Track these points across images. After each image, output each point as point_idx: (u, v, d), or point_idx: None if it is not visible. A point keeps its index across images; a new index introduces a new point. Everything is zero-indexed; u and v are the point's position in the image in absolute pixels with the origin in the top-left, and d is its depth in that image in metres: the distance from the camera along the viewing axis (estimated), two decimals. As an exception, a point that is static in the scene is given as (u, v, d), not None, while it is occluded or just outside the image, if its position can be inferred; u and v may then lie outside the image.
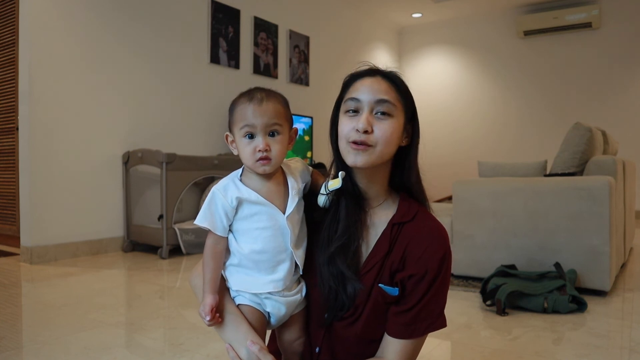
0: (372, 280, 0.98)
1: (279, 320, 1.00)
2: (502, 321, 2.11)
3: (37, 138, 3.34)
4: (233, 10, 4.74)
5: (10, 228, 3.83)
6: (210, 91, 4.54)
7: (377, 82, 0.98)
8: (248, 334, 0.93)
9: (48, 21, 3.39)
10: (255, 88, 0.97)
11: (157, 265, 3.33)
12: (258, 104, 0.93)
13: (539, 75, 6.60)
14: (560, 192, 2.52)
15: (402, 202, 1.03)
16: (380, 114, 0.96)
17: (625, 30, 6.03)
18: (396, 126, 0.97)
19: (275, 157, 0.93)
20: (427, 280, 0.96)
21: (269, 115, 0.93)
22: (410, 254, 0.97)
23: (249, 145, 0.93)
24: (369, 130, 0.94)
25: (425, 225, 1.00)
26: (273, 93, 0.97)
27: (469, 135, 7.10)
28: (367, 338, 1.02)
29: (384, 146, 0.95)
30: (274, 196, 0.96)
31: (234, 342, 0.93)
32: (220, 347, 1.79)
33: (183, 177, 3.70)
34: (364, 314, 0.99)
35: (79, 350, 1.77)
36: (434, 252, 0.97)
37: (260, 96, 0.93)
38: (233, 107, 0.96)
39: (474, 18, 7.02)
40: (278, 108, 0.95)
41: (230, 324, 0.95)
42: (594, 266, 2.42)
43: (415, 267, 0.97)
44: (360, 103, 0.97)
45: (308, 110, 5.55)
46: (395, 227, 1.00)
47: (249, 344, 0.91)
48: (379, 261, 0.98)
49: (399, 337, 0.98)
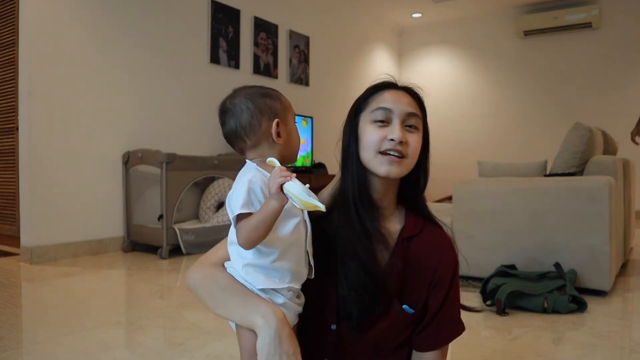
0: (390, 295, 0.98)
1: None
2: (502, 321, 2.11)
3: (37, 138, 3.34)
4: (233, 10, 4.74)
5: (10, 228, 3.83)
6: (210, 91, 4.53)
7: (404, 95, 1.00)
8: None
9: (48, 21, 3.39)
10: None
11: (157, 265, 3.33)
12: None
13: (539, 75, 6.61)
14: (560, 192, 2.52)
15: (409, 215, 1.05)
16: (409, 126, 0.97)
17: (625, 30, 6.03)
18: (420, 140, 0.99)
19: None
20: (444, 291, 0.99)
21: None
22: (424, 269, 0.99)
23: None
24: (404, 141, 0.95)
25: (434, 237, 1.02)
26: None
27: (469, 135, 7.10)
28: (378, 348, 1.01)
29: (413, 158, 0.98)
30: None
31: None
32: (220, 347, 1.79)
33: (183, 177, 3.70)
34: (380, 327, 0.98)
35: (79, 350, 1.77)
36: (447, 263, 1.00)
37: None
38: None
39: (474, 18, 7.02)
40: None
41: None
42: (594, 266, 2.42)
43: (431, 280, 0.99)
44: (391, 113, 0.97)
45: (308, 110, 5.55)
46: (406, 241, 1.01)
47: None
48: (396, 278, 0.98)
49: (428, 349, 1.01)
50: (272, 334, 0.84)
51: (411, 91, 1.02)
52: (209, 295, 0.95)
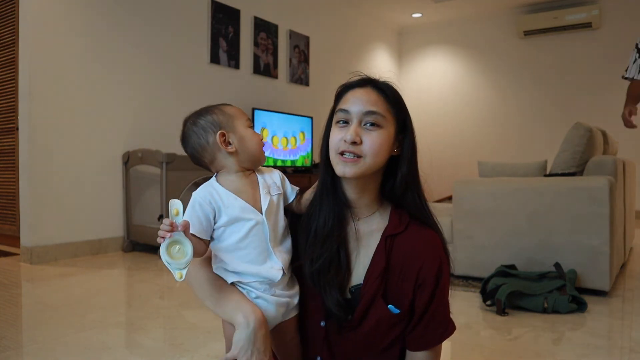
0: (373, 295, 0.98)
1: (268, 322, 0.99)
2: (502, 321, 2.11)
3: (37, 138, 3.34)
4: (233, 10, 4.74)
5: (10, 228, 3.83)
6: (210, 91, 4.53)
7: (367, 93, 0.99)
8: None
9: (48, 21, 3.39)
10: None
11: (157, 265, 3.33)
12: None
13: (539, 75, 6.60)
14: (560, 192, 2.52)
15: (394, 213, 1.03)
16: (369, 125, 0.97)
17: (625, 30, 6.02)
18: (385, 137, 0.97)
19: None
20: (429, 292, 0.98)
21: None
22: (408, 268, 0.99)
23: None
24: (357, 142, 0.95)
25: (419, 236, 1.01)
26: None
27: (469, 135, 7.09)
28: (367, 346, 1.02)
29: (373, 157, 0.96)
30: (249, 196, 1.00)
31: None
32: (220, 347, 1.79)
33: (183, 177, 3.70)
34: (365, 326, 0.99)
35: (79, 350, 1.77)
36: (431, 262, 0.98)
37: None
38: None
39: (474, 18, 7.02)
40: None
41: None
42: (594, 266, 2.42)
43: (415, 280, 0.98)
44: (349, 114, 0.98)
45: (308, 110, 5.55)
46: (389, 239, 1.00)
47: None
48: (379, 277, 0.99)
49: (419, 349, 1.02)
50: (249, 332, 0.92)
51: (381, 87, 1.00)
52: (199, 287, 1.00)
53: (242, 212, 0.96)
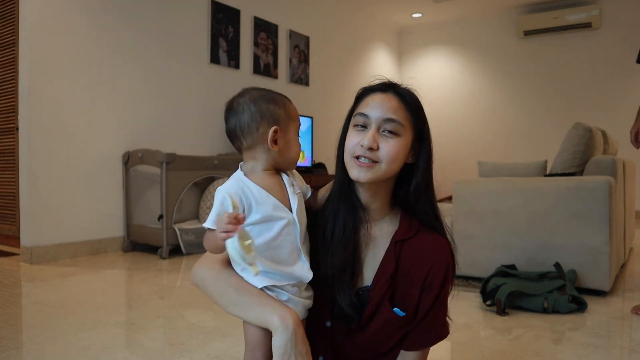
0: (381, 297, 0.99)
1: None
2: (502, 321, 2.11)
3: (37, 138, 3.34)
4: (233, 10, 4.74)
5: (10, 228, 3.83)
6: (210, 91, 4.53)
7: (388, 99, 0.98)
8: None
9: (48, 21, 3.39)
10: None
11: (157, 265, 3.33)
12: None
13: (539, 75, 6.60)
14: (560, 192, 2.52)
15: (404, 218, 1.04)
16: (387, 132, 0.96)
17: (625, 30, 6.03)
18: (402, 145, 0.97)
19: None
20: (432, 296, 0.99)
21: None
22: (416, 272, 0.99)
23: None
24: (374, 148, 0.95)
25: (428, 241, 1.01)
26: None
27: (469, 135, 7.10)
28: (371, 349, 1.03)
29: (388, 164, 0.96)
30: (277, 193, 0.96)
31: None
32: (220, 347, 1.79)
33: (183, 177, 3.70)
34: (371, 328, 1.00)
35: (79, 350, 1.77)
36: (439, 267, 0.99)
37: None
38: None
39: (474, 18, 7.02)
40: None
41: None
42: (594, 266, 2.42)
43: (423, 284, 0.99)
44: (368, 119, 0.97)
45: (308, 110, 5.55)
46: (399, 244, 1.01)
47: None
48: (388, 280, 0.99)
49: (411, 349, 1.02)
50: (289, 335, 0.88)
51: (403, 94, 1.00)
52: (220, 294, 0.96)
53: (275, 211, 0.92)
